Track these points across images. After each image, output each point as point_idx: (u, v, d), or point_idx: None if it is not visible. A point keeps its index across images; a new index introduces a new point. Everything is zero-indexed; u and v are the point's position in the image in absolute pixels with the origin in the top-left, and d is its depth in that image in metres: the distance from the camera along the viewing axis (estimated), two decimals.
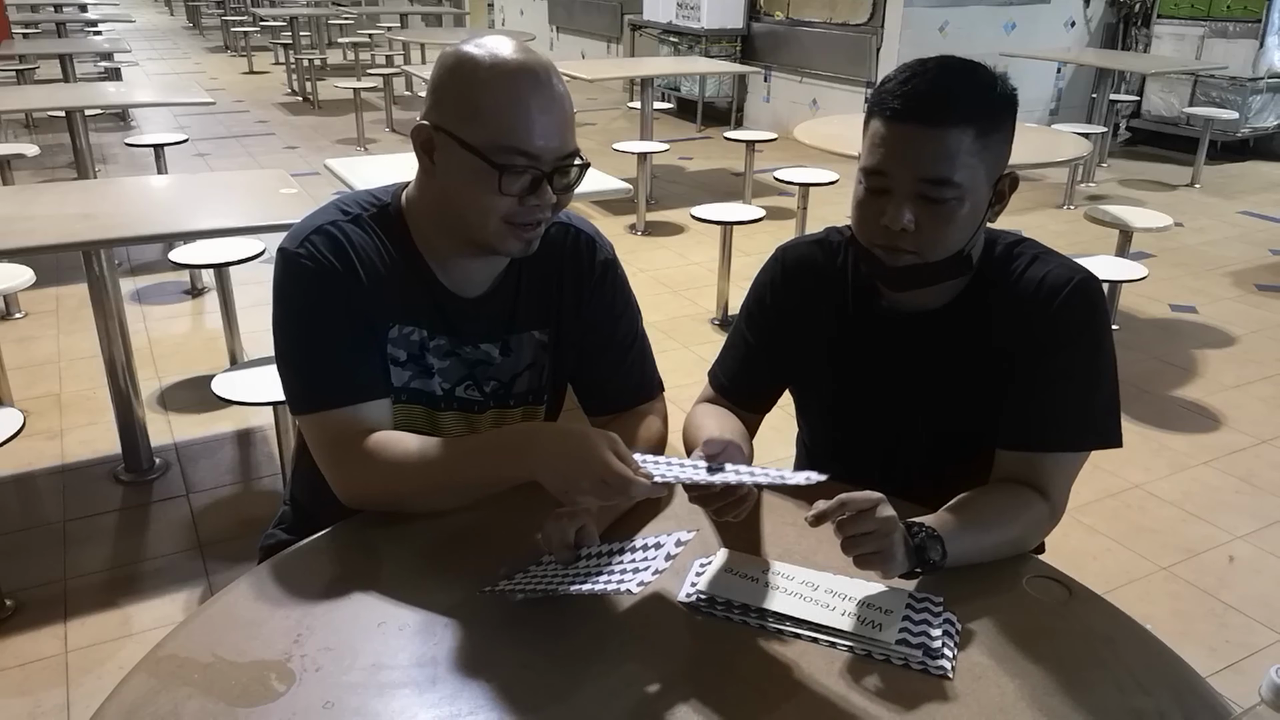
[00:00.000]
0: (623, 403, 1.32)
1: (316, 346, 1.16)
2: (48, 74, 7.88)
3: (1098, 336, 1.18)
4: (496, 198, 1.08)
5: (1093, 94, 7.04)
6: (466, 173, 1.09)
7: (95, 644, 2.08)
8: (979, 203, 1.14)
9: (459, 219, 1.13)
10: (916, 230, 1.12)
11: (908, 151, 1.11)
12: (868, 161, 1.14)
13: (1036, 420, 1.17)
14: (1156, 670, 0.94)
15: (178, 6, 17.65)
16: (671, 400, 1.35)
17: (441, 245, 1.19)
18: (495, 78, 1.07)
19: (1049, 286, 1.18)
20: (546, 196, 1.11)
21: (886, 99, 1.12)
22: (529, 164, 1.08)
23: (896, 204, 1.12)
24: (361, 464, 1.12)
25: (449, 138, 1.09)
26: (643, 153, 5.20)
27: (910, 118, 1.10)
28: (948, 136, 1.09)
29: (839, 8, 7.06)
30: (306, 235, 1.15)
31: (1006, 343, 1.20)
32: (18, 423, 2.14)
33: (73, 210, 2.43)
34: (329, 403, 1.14)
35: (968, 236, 1.16)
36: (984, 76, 1.13)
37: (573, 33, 10.57)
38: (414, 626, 0.97)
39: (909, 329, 1.25)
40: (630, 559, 0.94)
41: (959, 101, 1.10)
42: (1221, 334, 3.94)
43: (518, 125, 1.07)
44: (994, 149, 1.13)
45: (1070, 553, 2.46)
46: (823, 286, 1.31)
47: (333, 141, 7.20)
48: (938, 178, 1.10)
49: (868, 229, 1.16)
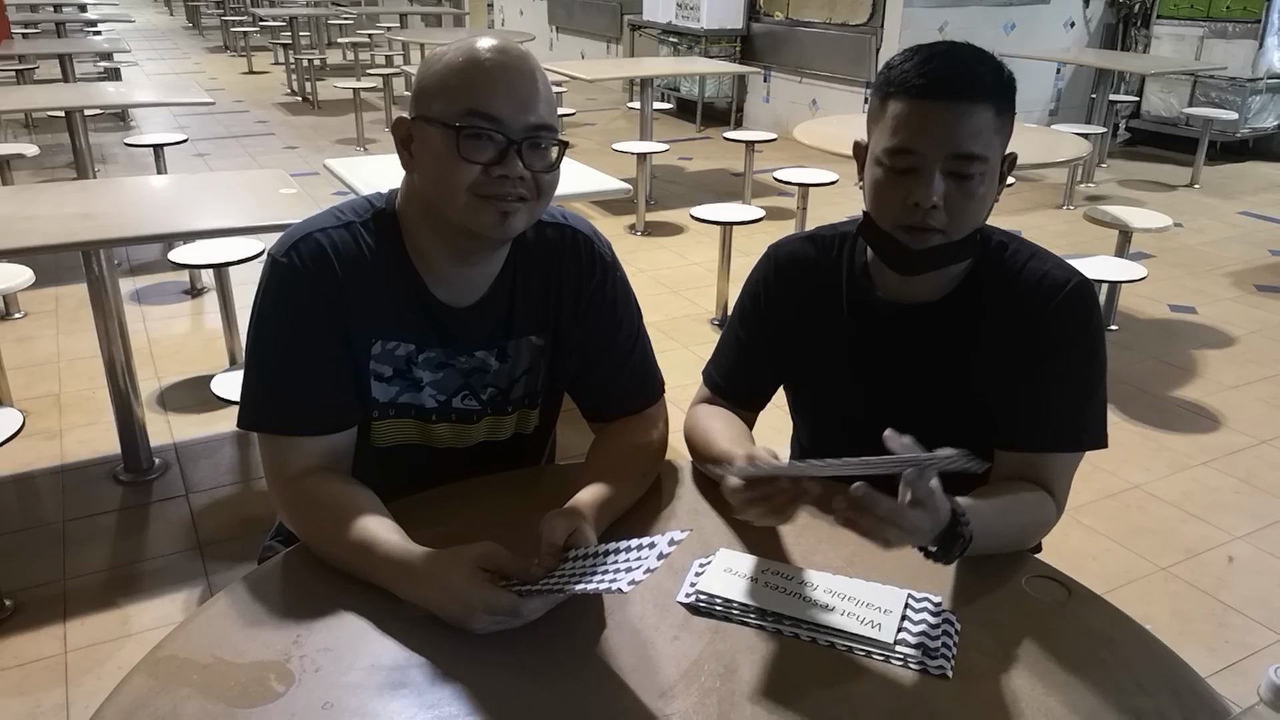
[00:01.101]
0: (624, 407, 1.30)
1: (283, 364, 1.14)
2: (47, 74, 7.87)
3: (1098, 338, 1.20)
4: (461, 166, 1.06)
5: (1092, 94, 7.05)
6: (434, 147, 1.08)
7: (94, 644, 2.08)
8: (994, 180, 1.17)
9: (435, 204, 1.11)
10: (944, 207, 1.13)
11: (937, 128, 1.11)
12: (892, 141, 1.14)
13: (1040, 421, 1.18)
14: (1156, 670, 0.95)
15: (177, 6, 17.65)
16: (671, 400, 1.35)
17: (432, 251, 1.16)
18: (465, 56, 1.08)
19: (1049, 285, 1.19)
20: (515, 167, 1.07)
21: (907, 78, 1.12)
22: (490, 127, 1.06)
23: (926, 180, 1.12)
24: (290, 502, 1.12)
25: (420, 122, 1.09)
26: (642, 153, 5.20)
27: (938, 95, 1.11)
28: (975, 112, 1.11)
29: (839, 8, 7.06)
30: (294, 242, 1.13)
31: (1005, 336, 1.21)
32: (17, 423, 2.14)
33: (72, 210, 2.43)
34: (278, 428, 1.13)
35: (986, 213, 1.18)
36: (991, 58, 1.16)
37: (572, 33, 10.57)
38: (413, 627, 0.96)
39: (907, 321, 1.25)
40: (625, 558, 0.94)
41: (981, 80, 1.12)
42: (1221, 334, 3.94)
43: (475, 86, 1.06)
44: (1007, 128, 1.16)
45: (1070, 553, 2.46)
46: (817, 281, 1.31)
47: (332, 141, 7.20)
48: (968, 153, 1.12)
49: (891, 211, 1.16)
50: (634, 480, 1.20)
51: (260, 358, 1.15)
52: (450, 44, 1.11)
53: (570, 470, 1.24)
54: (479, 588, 0.94)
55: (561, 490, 1.12)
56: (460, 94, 1.06)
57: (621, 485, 1.16)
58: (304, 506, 1.11)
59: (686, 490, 1.25)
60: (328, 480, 1.12)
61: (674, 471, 1.29)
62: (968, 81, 1.11)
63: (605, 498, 1.12)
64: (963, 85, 1.11)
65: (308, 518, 1.10)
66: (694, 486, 1.26)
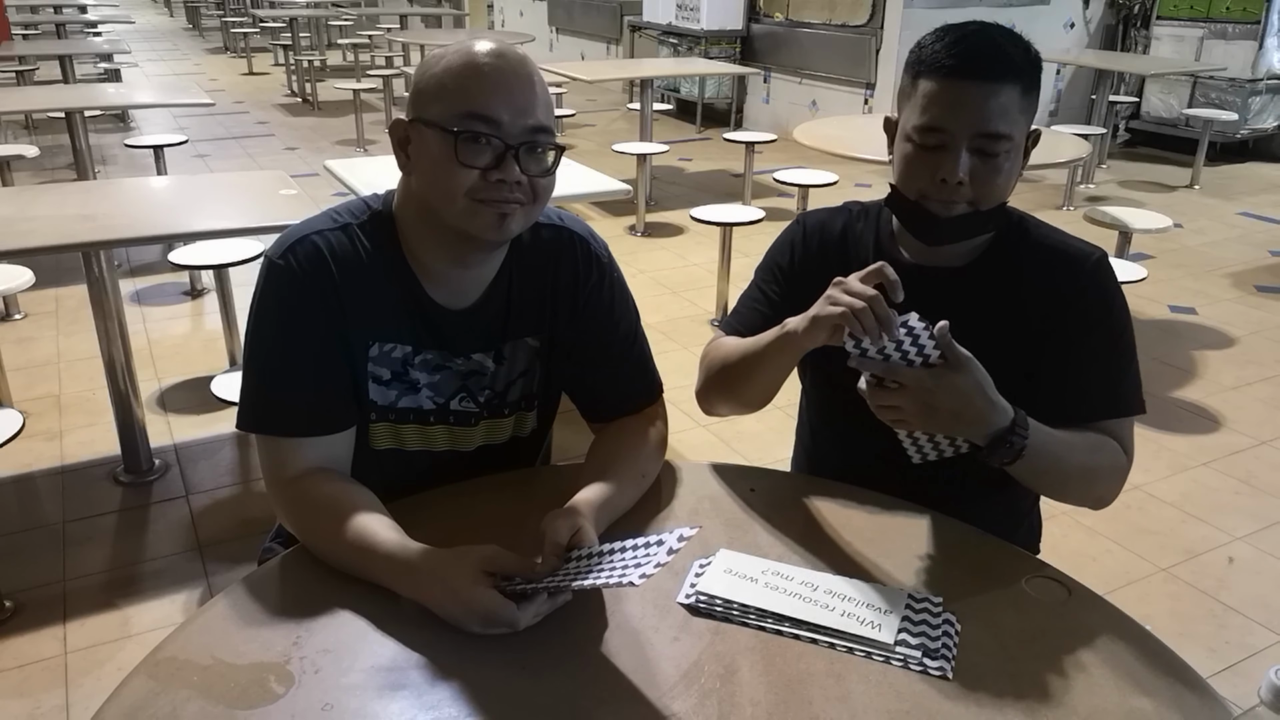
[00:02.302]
0: (622, 408, 1.30)
1: (280, 365, 1.14)
2: (47, 75, 7.87)
3: (1126, 306, 1.26)
4: (459, 170, 1.06)
5: (1092, 95, 7.05)
6: (431, 151, 1.07)
7: (94, 645, 2.08)
8: (1019, 156, 1.20)
9: (433, 207, 1.10)
10: (971, 182, 1.17)
11: (966, 107, 1.15)
12: (922, 119, 1.18)
13: (1102, 390, 1.23)
14: (1156, 670, 0.94)
15: (177, 8, 17.65)
16: (671, 401, 1.35)
17: (429, 253, 1.16)
18: (463, 59, 1.08)
19: (1075, 255, 1.26)
20: (512, 172, 1.07)
21: (938, 58, 1.16)
22: (488, 131, 1.06)
23: (954, 158, 1.16)
24: (288, 503, 1.12)
25: (418, 124, 1.09)
26: (642, 154, 5.20)
27: (967, 74, 1.15)
28: (1002, 92, 1.15)
29: (839, 9, 7.06)
30: (290, 244, 1.13)
31: (1032, 302, 1.25)
32: (17, 424, 2.14)
33: (72, 211, 2.43)
34: (275, 429, 1.13)
35: (1012, 187, 1.22)
36: (1020, 38, 1.19)
37: (572, 34, 10.57)
38: (413, 628, 0.96)
39: (933, 284, 1.26)
40: (632, 555, 0.94)
41: (1010, 59, 1.16)
42: (1221, 335, 3.94)
43: (473, 89, 1.06)
44: (1033, 106, 1.20)
45: (1070, 553, 2.46)
46: (844, 246, 1.35)
47: (332, 142, 7.20)
48: (995, 132, 1.15)
49: (919, 184, 1.20)
50: (634, 480, 1.20)
51: (257, 360, 1.15)
52: (448, 46, 1.11)
53: (568, 470, 1.24)
54: (481, 591, 0.94)
55: (560, 490, 1.12)
56: (458, 97, 1.06)
57: (622, 485, 1.16)
58: (302, 507, 1.11)
59: (687, 490, 1.25)
60: (326, 481, 1.12)
61: (674, 471, 1.29)
62: (996, 61, 1.15)
63: (606, 497, 1.12)
64: (991, 65, 1.14)
65: (306, 518, 1.10)
66: (694, 486, 1.26)
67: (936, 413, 1.05)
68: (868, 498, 1.23)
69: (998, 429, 1.07)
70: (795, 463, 1.55)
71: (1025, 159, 1.23)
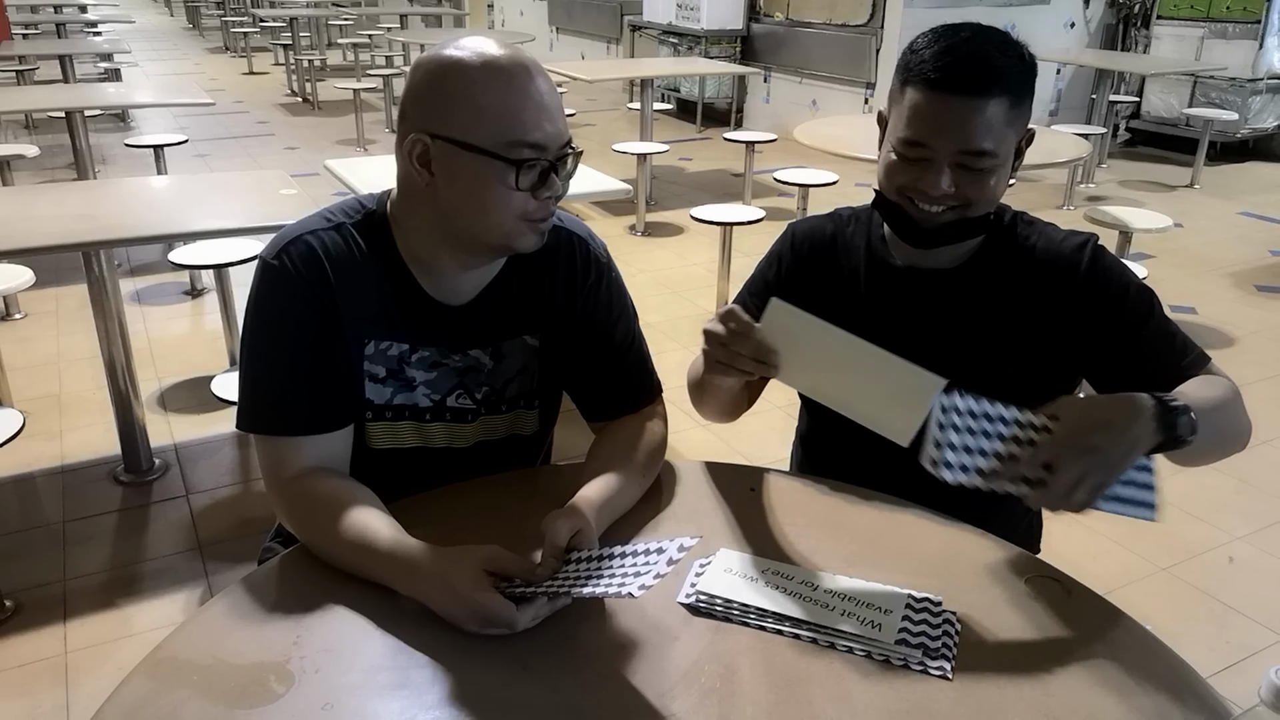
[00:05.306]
0: (621, 408, 1.30)
1: (277, 365, 1.14)
2: (47, 75, 7.87)
3: (1136, 276, 1.26)
4: (512, 195, 1.07)
5: (1092, 95, 7.05)
6: (477, 176, 1.07)
7: (95, 645, 2.08)
8: (1008, 166, 1.19)
9: (470, 225, 1.11)
10: (954, 194, 1.16)
11: (948, 124, 1.13)
12: (905, 133, 1.16)
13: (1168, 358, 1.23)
14: (1156, 670, 0.94)
15: (177, 7, 17.64)
16: (671, 401, 1.35)
17: (431, 255, 1.16)
18: (490, 75, 1.06)
19: (1069, 248, 1.24)
20: (555, 187, 1.10)
21: (925, 68, 1.14)
22: (537, 155, 1.08)
23: (936, 172, 1.15)
24: (288, 502, 1.12)
25: (451, 145, 1.07)
26: (642, 153, 5.20)
27: (951, 89, 1.12)
28: (988, 107, 1.12)
29: (839, 8, 7.06)
30: (284, 245, 1.13)
31: (1034, 302, 1.24)
32: (17, 423, 2.14)
33: (72, 211, 2.43)
34: (274, 429, 1.13)
35: (1000, 195, 1.21)
36: (1014, 45, 1.17)
37: (572, 33, 10.57)
38: (413, 628, 0.96)
39: (926, 286, 1.27)
40: (632, 563, 0.94)
41: (997, 72, 1.13)
42: (1221, 335, 3.94)
43: (524, 117, 1.06)
44: (1024, 115, 1.18)
45: (1070, 553, 2.46)
46: (836, 252, 1.35)
47: (332, 142, 7.20)
48: (979, 149, 1.13)
49: (899, 186, 1.19)
50: (634, 479, 1.20)
51: (254, 361, 1.15)
52: (449, 49, 1.08)
53: (568, 470, 1.24)
54: (481, 592, 0.94)
55: (560, 490, 1.12)
56: (505, 124, 1.06)
57: (622, 484, 1.16)
58: (302, 506, 1.11)
59: (686, 490, 1.25)
60: (325, 480, 1.12)
61: (674, 471, 1.29)
62: (984, 75, 1.12)
63: (606, 497, 1.12)
64: (977, 80, 1.12)
65: (306, 517, 1.10)
66: (694, 486, 1.26)
67: (1097, 448, 0.95)
68: (868, 498, 1.23)
69: (1150, 406, 0.99)
70: (795, 462, 1.55)
71: (1020, 159, 1.22)
